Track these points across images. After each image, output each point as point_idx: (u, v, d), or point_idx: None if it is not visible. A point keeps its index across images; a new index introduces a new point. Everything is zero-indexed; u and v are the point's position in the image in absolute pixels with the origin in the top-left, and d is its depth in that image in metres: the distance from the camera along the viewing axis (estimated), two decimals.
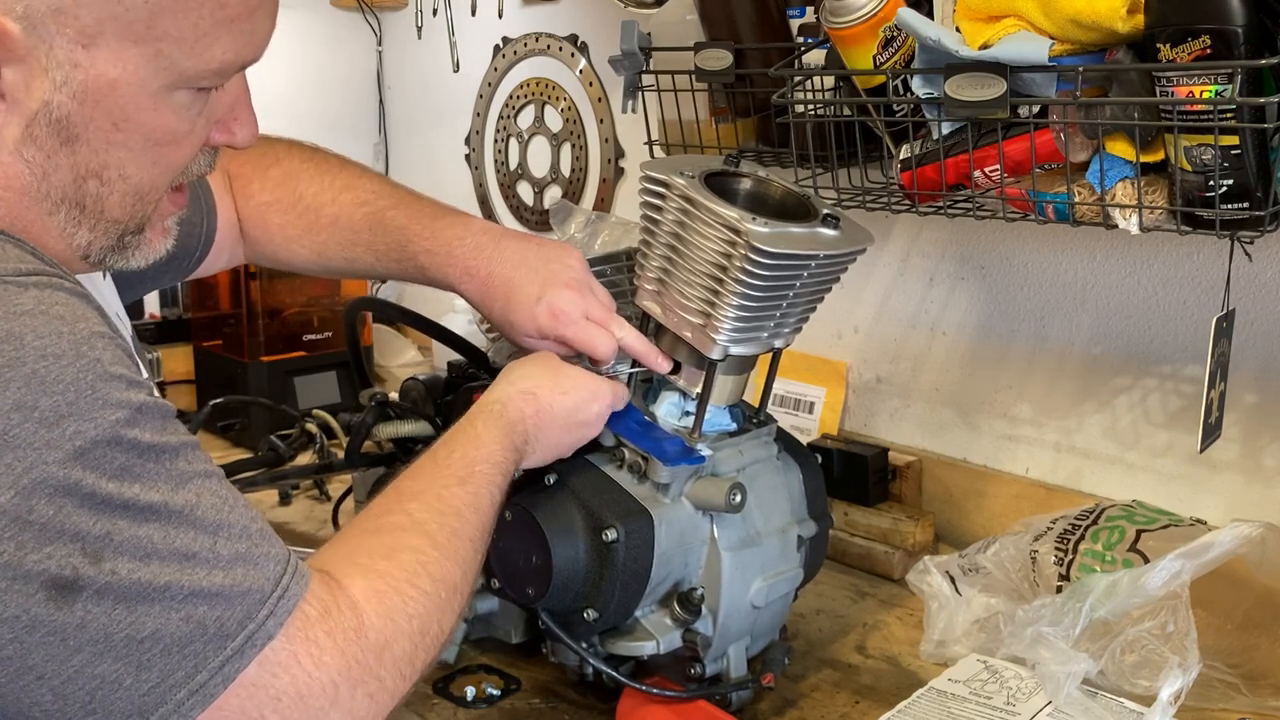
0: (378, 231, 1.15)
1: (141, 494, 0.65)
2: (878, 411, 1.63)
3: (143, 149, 0.74)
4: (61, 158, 0.72)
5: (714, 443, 1.08)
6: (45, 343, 0.64)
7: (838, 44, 1.21)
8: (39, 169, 0.72)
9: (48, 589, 0.61)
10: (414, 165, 2.47)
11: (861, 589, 1.37)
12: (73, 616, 0.62)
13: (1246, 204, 1.00)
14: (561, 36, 2.05)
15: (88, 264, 0.78)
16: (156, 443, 0.66)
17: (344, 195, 1.20)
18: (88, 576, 0.62)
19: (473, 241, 1.11)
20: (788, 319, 1.07)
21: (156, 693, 0.64)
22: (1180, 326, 1.32)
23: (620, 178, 2.00)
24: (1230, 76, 0.94)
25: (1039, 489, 1.44)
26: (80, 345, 0.65)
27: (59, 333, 0.64)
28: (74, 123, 0.71)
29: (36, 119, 0.70)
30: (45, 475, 0.61)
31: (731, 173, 1.09)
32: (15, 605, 0.61)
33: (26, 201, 0.72)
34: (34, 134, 0.70)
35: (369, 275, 1.25)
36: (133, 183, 0.75)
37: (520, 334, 1.08)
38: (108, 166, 0.73)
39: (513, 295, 1.08)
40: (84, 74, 0.69)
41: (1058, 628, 1.04)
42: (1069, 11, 1.01)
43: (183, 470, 0.68)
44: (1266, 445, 1.26)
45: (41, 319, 0.64)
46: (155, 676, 0.64)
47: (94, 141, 0.72)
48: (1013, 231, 1.44)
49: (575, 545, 1.01)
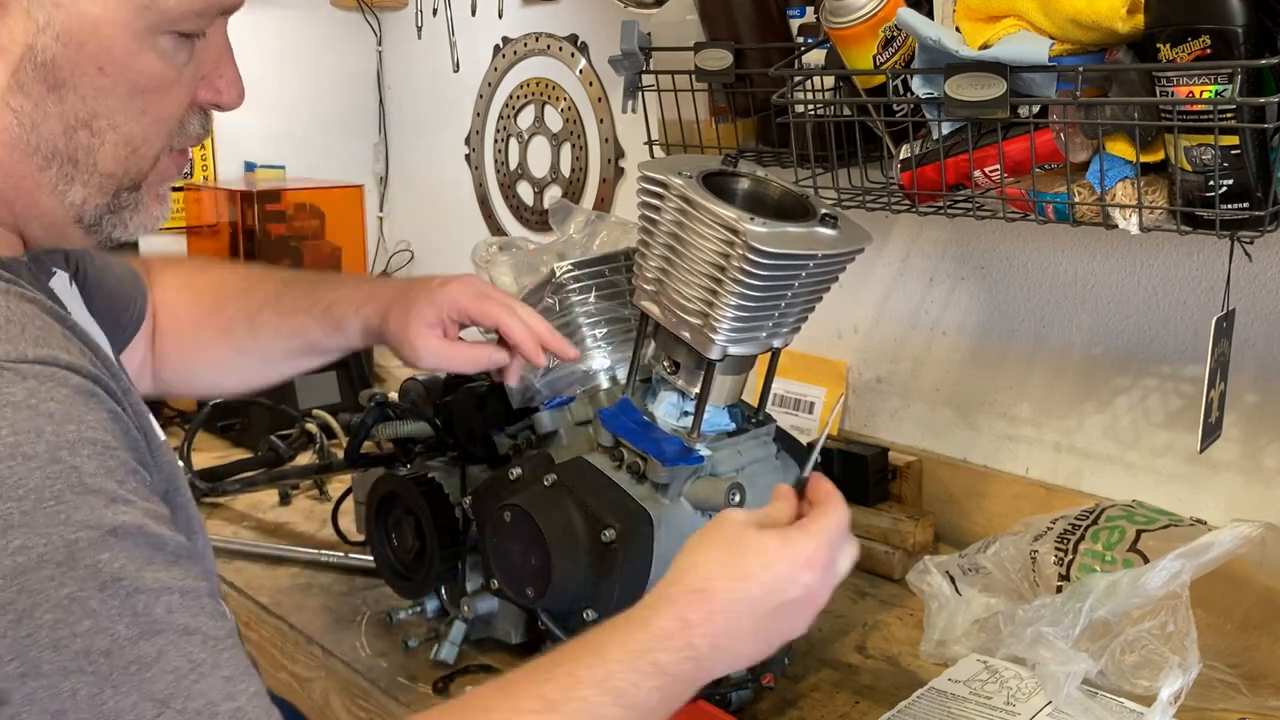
0: (284, 288, 1.14)
1: (81, 637, 0.55)
2: (878, 411, 1.62)
3: (130, 96, 0.73)
4: (50, 105, 0.71)
5: (713, 443, 1.08)
6: (19, 439, 0.57)
7: (838, 44, 1.21)
8: (28, 119, 0.71)
9: None
10: (414, 165, 2.47)
11: (861, 589, 1.37)
12: None
13: (1246, 204, 1.00)
14: (561, 36, 2.05)
15: (84, 233, 0.76)
16: (124, 577, 0.57)
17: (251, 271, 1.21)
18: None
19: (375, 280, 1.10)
20: (786, 319, 1.07)
21: None
22: (1180, 326, 1.32)
23: (620, 178, 2.00)
24: (1230, 76, 0.94)
25: (1039, 489, 1.43)
26: (58, 450, 0.58)
27: (39, 431, 0.58)
28: (59, 66, 0.70)
29: (22, 65, 0.69)
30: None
31: (730, 173, 1.08)
32: None
33: (17, 156, 0.71)
34: (20, 81, 0.70)
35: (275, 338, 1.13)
36: (123, 133, 0.73)
37: (423, 326, 1.05)
38: (97, 115, 0.72)
39: (412, 298, 1.07)
40: (65, 14, 0.69)
41: (1058, 628, 1.04)
42: (1069, 11, 1.01)
43: (153, 617, 0.58)
44: (1266, 445, 1.26)
45: (25, 414, 0.58)
46: None
47: (81, 88, 0.71)
48: (1013, 231, 1.44)
49: (574, 546, 1.01)
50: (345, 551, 1.45)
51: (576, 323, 1.20)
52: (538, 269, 1.24)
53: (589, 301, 1.21)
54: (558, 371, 1.19)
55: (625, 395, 1.11)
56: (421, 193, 2.46)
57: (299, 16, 2.38)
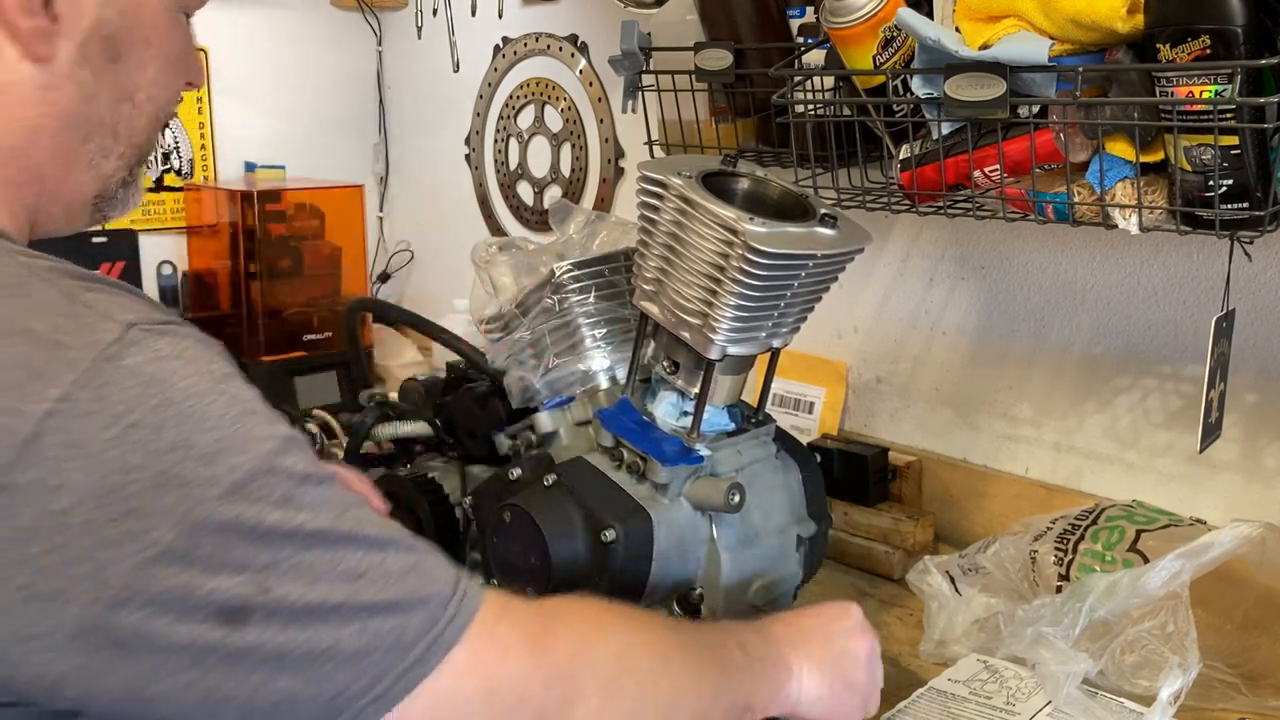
0: None
1: (305, 521, 0.65)
2: (878, 411, 1.62)
3: (164, 67, 0.78)
4: (108, 76, 0.75)
5: (712, 443, 1.08)
6: (190, 383, 0.64)
7: (838, 44, 1.21)
8: (88, 90, 0.74)
9: (217, 618, 0.61)
10: (414, 165, 2.47)
11: (861, 589, 1.37)
12: (245, 640, 0.62)
13: (1246, 204, 1.00)
14: (561, 36, 2.05)
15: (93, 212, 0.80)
16: (310, 471, 0.66)
17: None
18: (256, 603, 0.62)
19: None
20: (786, 319, 1.07)
21: (336, 703, 0.64)
22: (1180, 326, 1.32)
23: (620, 178, 2.00)
24: (1230, 76, 0.94)
25: (1039, 489, 1.43)
26: (220, 384, 0.65)
27: (200, 373, 0.65)
28: (119, 39, 0.75)
29: (90, 37, 0.73)
30: (207, 512, 0.61)
31: (729, 173, 1.08)
32: (186, 635, 0.61)
33: (67, 128, 0.75)
34: (87, 53, 0.74)
35: None
36: (158, 104, 0.79)
37: None
38: (140, 88, 0.77)
39: None
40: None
41: (1057, 628, 1.04)
42: (1069, 11, 1.01)
43: (339, 495, 0.68)
44: (1266, 445, 1.26)
45: (180, 362, 0.64)
46: (335, 688, 0.64)
47: (131, 60, 0.76)
48: (1013, 231, 1.44)
49: (574, 545, 1.01)
50: None
51: (576, 323, 1.20)
52: (538, 269, 1.24)
53: (589, 301, 1.21)
54: (558, 371, 1.19)
55: (625, 395, 1.11)
56: (421, 193, 2.46)
57: (299, 16, 2.38)
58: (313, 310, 2.12)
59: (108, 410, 0.60)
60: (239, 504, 0.62)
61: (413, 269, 2.50)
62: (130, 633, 0.60)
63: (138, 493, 0.60)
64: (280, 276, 2.10)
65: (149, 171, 2.24)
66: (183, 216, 2.28)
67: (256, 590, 0.62)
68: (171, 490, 0.60)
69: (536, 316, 1.21)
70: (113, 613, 0.59)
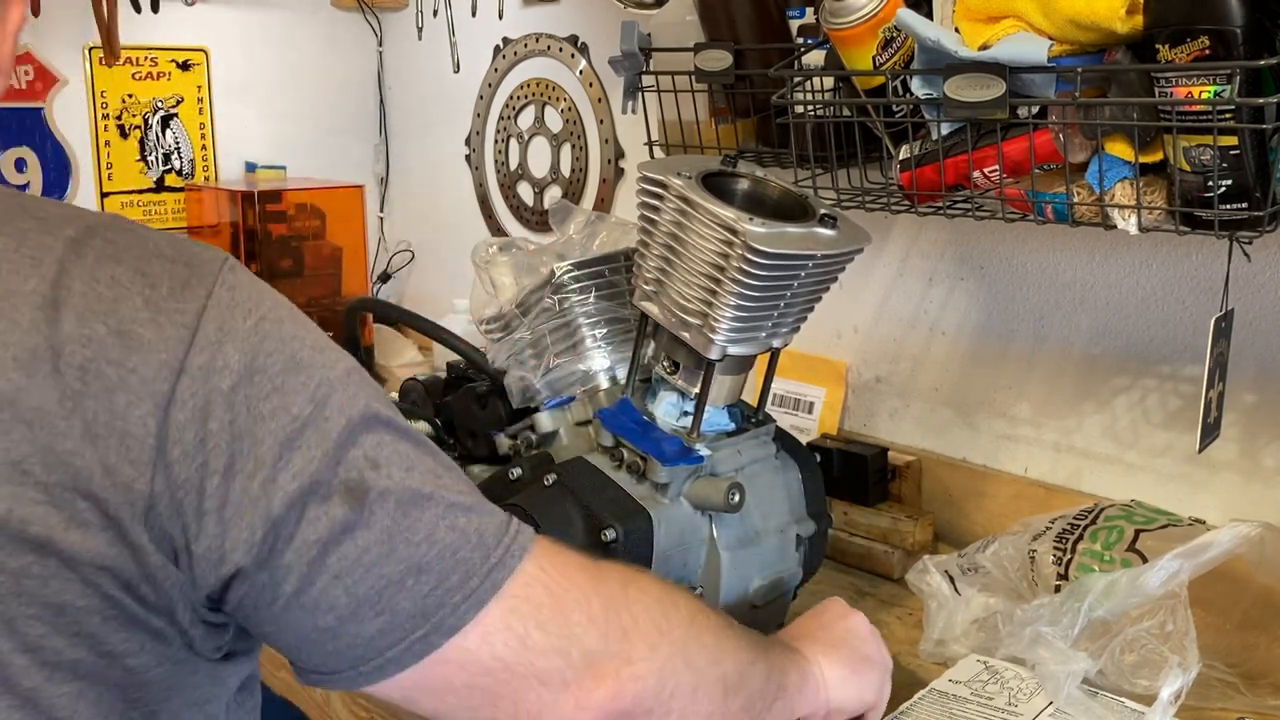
0: None
1: (397, 419, 0.71)
2: (877, 411, 1.63)
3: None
4: None
5: (712, 442, 1.08)
6: (282, 298, 0.71)
7: (837, 45, 1.21)
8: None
9: (343, 493, 0.66)
10: (414, 165, 2.47)
11: (861, 588, 1.37)
12: (362, 517, 0.66)
13: (1245, 204, 1.00)
14: (562, 37, 2.05)
15: None
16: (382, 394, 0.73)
17: None
18: (371, 479, 0.67)
19: None
20: (785, 319, 1.07)
21: (435, 596, 0.68)
22: (1179, 326, 1.32)
23: (620, 178, 2.00)
24: (1229, 77, 0.94)
25: (1038, 489, 1.44)
26: (294, 311, 0.71)
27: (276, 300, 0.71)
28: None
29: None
30: (329, 390, 0.68)
31: (729, 173, 1.09)
32: (318, 511, 0.66)
33: None
34: None
35: None
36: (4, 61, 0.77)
37: None
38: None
39: None
40: None
41: (1056, 627, 1.04)
42: (1068, 12, 1.01)
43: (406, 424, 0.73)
44: (1265, 445, 1.26)
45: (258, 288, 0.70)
46: (432, 580, 0.68)
47: None
48: (1012, 232, 1.44)
49: (574, 545, 1.01)
50: None
51: (576, 323, 1.20)
52: (538, 269, 1.24)
53: (589, 301, 1.21)
54: (558, 371, 1.19)
55: (625, 395, 1.11)
56: (422, 193, 2.47)
57: (299, 17, 2.38)
58: (313, 310, 2.12)
59: (242, 305, 0.67)
60: (350, 388, 0.69)
61: (413, 269, 2.50)
62: (283, 508, 0.65)
63: (279, 372, 0.66)
64: (281, 276, 2.10)
65: (149, 172, 2.24)
66: (183, 217, 2.28)
67: (369, 466, 0.67)
68: (301, 371, 0.67)
69: (537, 316, 1.21)
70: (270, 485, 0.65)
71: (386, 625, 0.68)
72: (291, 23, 2.37)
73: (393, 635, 0.68)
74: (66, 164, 2.15)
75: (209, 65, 2.28)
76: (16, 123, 2.09)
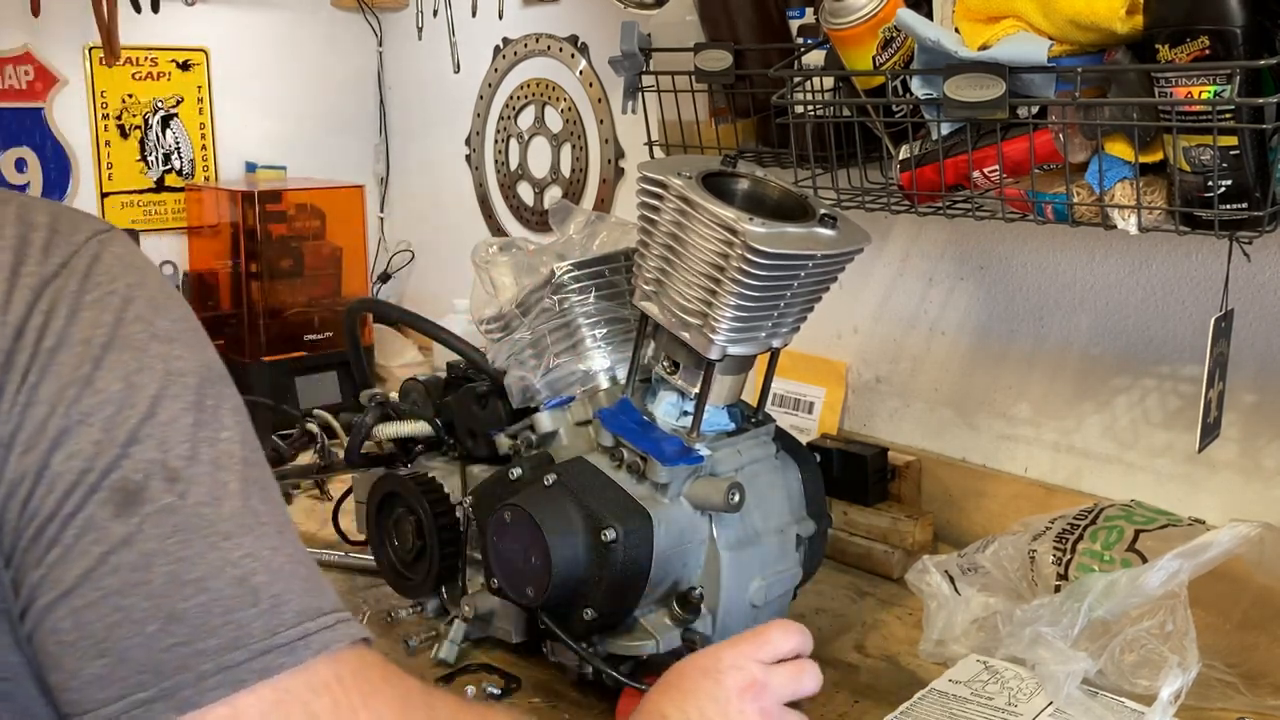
0: None
1: (241, 434, 0.63)
2: (877, 411, 1.63)
3: None
4: None
5: (712, 442, 1.08)
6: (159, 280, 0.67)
7: (837, 45, 1.21)
8: None
9: (113, 493, 0.56)
10: (414, 166, 2.47)
11: (861, 588, 1.37)
12: (127, 528, 0.56)
13: (1245, 204, 1.00)
14: (562, 37, 2.05)
15: None
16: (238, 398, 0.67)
17: None
18: (155, 489, 0.57)
19: None
20: (785, 319, 1.07)
21: (178, 653, 0.55)
22: (1179, 326, 1.32)
23: (620, 178, 2.00)
24: (1229, 77, 0.94)
25: (1038, 489, 1.44)
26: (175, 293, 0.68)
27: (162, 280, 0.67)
28: None
29: None
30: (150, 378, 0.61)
31: (729, 173, 1.09)
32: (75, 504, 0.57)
33: None
34: None
35: None
36: None
37: None
38: None
39: None
40: None
41: (1056, 627, 1.04)
42: (1068, 12, 1.01)
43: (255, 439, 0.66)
44: (1265, 445, 1.26)
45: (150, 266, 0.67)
46: (184, 633, 0.56)
47: None
48: (1012, 232, 1.44)
49: (574, 545, 1.01)
50: (346, 551, 1.45)
51: (576, 323, 1.20)
52: (538, 269, 1.24)
53: (589, 301, 1.21)
54: (558, 371, 1.19)
55: (625, 395, 1.11)
56: (422, 193, 2.47)
57: (299, 17, 2.38)
58: (313, 310, 2.12)
59: (94, 278, 0.62)
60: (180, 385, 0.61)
61: (413, 269, 2.50)
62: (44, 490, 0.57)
63: (103, 345, 0.60)
64: (281, 276, 2.10)
65: (149, 172, 2.24)
66: (184, 217, 2.28)
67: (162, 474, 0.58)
68: (125, 351, 0.61)
69: (537, 316, 1.21)
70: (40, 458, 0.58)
71: (106, 672, 0.55)
72: (291, 23, 2.37)
73: (111, 688, 0.55)
74: (66, 164, 2.15)
75: (209, 65, 2.28)
76: (16, 123, 2.09)
